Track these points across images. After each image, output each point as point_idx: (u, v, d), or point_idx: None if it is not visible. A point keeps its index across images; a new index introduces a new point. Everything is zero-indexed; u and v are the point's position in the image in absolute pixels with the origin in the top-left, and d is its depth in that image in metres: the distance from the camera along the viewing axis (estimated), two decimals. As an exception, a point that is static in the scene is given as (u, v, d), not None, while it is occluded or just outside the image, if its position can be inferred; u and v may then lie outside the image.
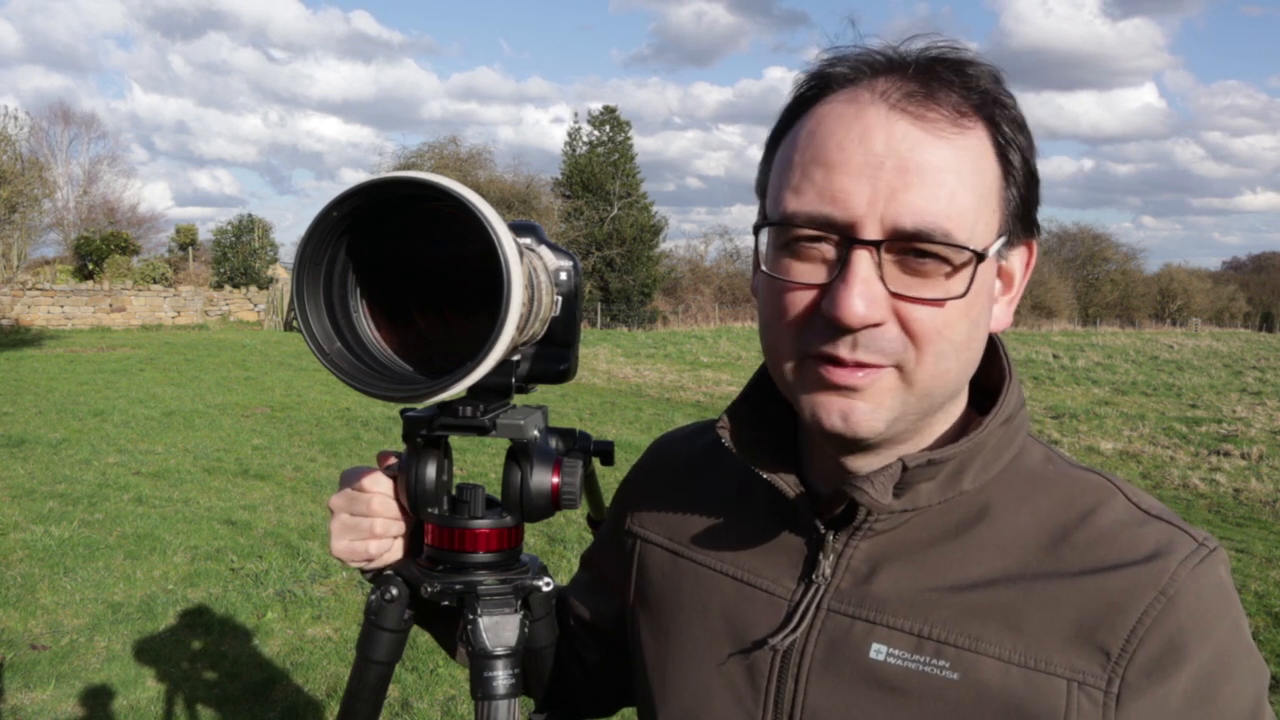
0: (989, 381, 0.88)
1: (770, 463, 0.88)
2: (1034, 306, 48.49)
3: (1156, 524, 0.80)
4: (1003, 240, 0.79)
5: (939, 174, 0.74)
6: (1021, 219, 0.81)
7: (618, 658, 1.07)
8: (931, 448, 0.84)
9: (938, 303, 0.75)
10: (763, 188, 0.84)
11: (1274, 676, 4.45)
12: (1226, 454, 10.63)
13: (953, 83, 0.77)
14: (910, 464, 0.79)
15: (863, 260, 0.74)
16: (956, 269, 0.75)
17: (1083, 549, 0.78)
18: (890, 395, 0.77)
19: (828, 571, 0.85)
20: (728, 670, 0.88)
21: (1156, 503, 0.83)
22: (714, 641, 0.90)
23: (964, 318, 0.77)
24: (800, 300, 0.78)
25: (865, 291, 0.73)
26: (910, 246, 0.74)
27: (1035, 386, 18.22)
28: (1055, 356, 24.70)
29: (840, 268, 0.75)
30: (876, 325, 0.75)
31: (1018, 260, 0.84)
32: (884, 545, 0.84)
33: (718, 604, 0.91)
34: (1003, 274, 0.83)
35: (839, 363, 0.76)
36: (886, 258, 0.75)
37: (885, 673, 0.80)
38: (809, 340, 0.78)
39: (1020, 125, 0.79)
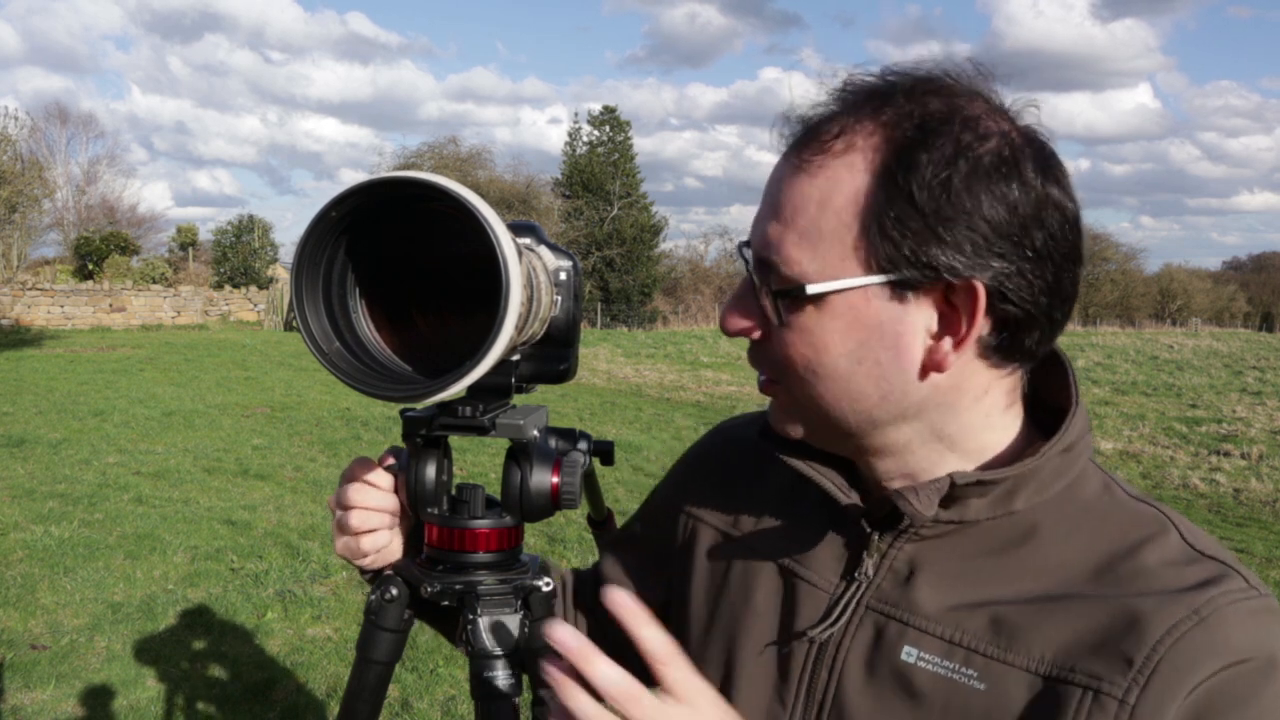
0: (1053, 398, 0.88)
1: (821, 459, 0.89)
2: (1034, 306, 48.24)
3: (1208, 563, 0.78)
4: (877, 280, 0.75)
5: (791, 207, 0.79)
6: (917, 261, 0.74)
7: None
8: (987, 465, 0.84)
9: (778, 330, 0.80)
10: None
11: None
12: (1226, 454, 10.63)
13: (852, 114, 0.78)
14: (959, 481, 0.80)
15: (745, 279, 0.83)
16: (790, 301, 0.79)
17: (1125, 579, 0.77)
18: (787, 409, 0.86)
19: (870, 570, 0.86)
20: (765, 658, 0.90)
21: (1214, 544, 0.81)
22: (755, 628, 0.92)
23: (819, 350, 0.79)
24: None
25: (736, 304, 0.84)
26: (765, 275, 0.80)
27: (1035, 386, 18.18)
28: (1055, 356, 24.65)
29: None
30: (754, 338, 0.83)
31: (962, 302, 0.76)
32: (928, 551, 0.84)
33: (764, 590, 0.93)
34: (946, 315, 0.77)
35: None
36: (759, 281, 0.81)
37: (914, 675, 0.80)
38: None
39: (941, 161, 0.73)
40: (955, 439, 0.84)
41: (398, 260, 0.85)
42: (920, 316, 0.78)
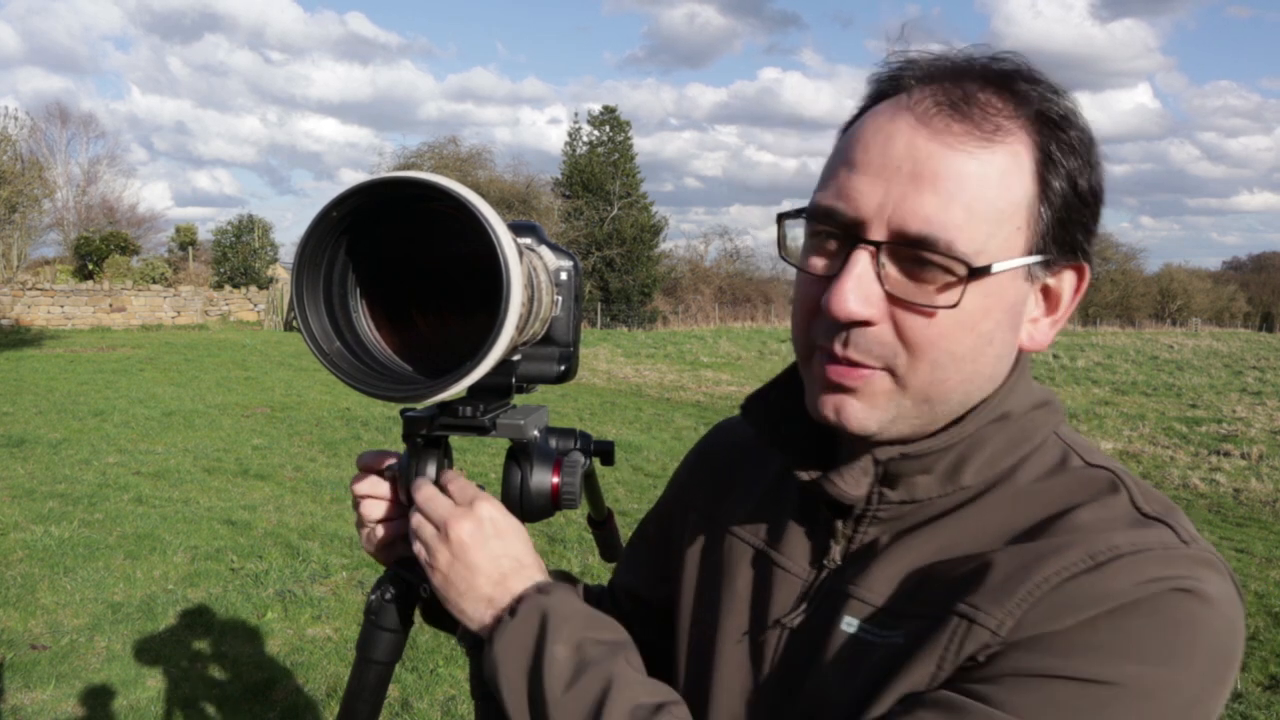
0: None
1: (802, 452, 0.89)
2: (1034, 306, 48.27)
3: (1148, 523, 0.76)
4: (1034, 260, 0.78)
5: (953, 184, 0.74)
6: (1060, 242, 0.79)
7: (663, 635, 1.08)
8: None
9: (929, 311, 0.76)
10: None
11: (1273, 677, 4.45)
12: (1226, 454, 10.63)
13: (994, 96, 0.77)
14: (881, 457, 0.82)
15: (861, 259, 0.76)
16: (955, 281, 0.75)
17: (1051, 536, 0.76)
18: (884, 398, 0.79)
19: (837, 556, 0.88)
20: (742, 644, 0.92)
21: (1165, 507, 0.79)
22: (736, 614, 0.94)
23: (967, 331, 0.77)
24: (812, 292, 0.81)
25: (857, 289, 0.75)
26: (914, 253, 0.75)
27: (1035, 386, 18.18)
28: (1055, 356, 24.70)
29: (841, 264, 0.77)
30: (868, 324, 0.77)
31: (1066, 283, 0.83)
32: (886, 531, 0.86)
33: (744, 577, 0.95)
34: (1048, 294, 0.83)
35: (833, 358, 0.79)
36: (889, 261, 0.76)
37: (856, 645, 0.82)
38: (815, 331, 0.81)
39: (1073, 148, 0.78)
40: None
41: (398, 260, 0.85)
42: (1033, 296, 0.82)
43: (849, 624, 0.83)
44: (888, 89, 0.82)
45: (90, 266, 30.53)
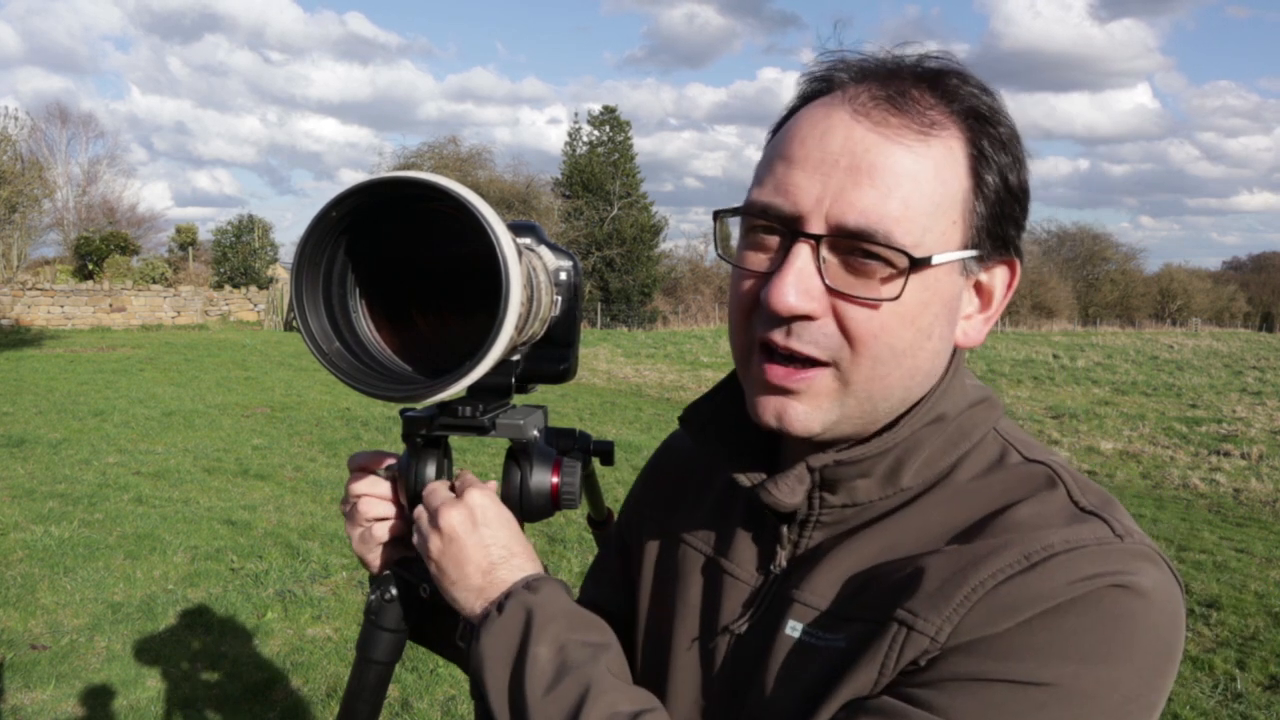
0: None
1: (744, 456, 0.90)
2: (1034, 306, 48.47)
3: (1085, 517, 0.75)
4: (968, 255, 0.79)
5: (891, 177, 0.75)
6: (993, 236, 0.80)
7: (628, 645, 1.08)
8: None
9: (872, 304, 0.76)
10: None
11: (1273, 677, 4.45)
12: (1226, 454, 10.63)
13: (927, 91, 0.78)
14: (814, 464, 0.82)
15: (801, 252, 0.76)
16: (896, 273, 0.76)
17: (988, 535, 0.76)
18: (827, 398, 0.79)
19: (783, 562, 0.88)
20: (693, 651, 0.93)
21: (1103, 500, 0.78)
22: (687, 621, 0.94)
23: (907, 324, 0.77)
24: (750, 288, 0.81)
25: (797, 282, 0.75)
26: (854, 245, 0.75)
27: (1035, 386, 18.22)
28: (1055, 356, 24.70)
29: (782, 259, 0.77)
30: (810, 318, 0.77)
31: (999, 279, 0.83)
32: (829, 535, 0.86)
33: (696, 585, 0.95)
34: (980, 290, 0.83)
35: (775, 355, 0.79)
36: (830, 254, 0.76)
37: (799, 649, 0.82)
38: (754, 327, 0.81)
39: (1003, 143, 0.79)
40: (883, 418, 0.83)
41: (398, 260, 0.85)
42: (968, 292, 0.82)
43: (793, 628, 0.83)
44: (820, 88, 0.82)
45: (90, 266, 30.52)
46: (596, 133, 39.37)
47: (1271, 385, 18.67)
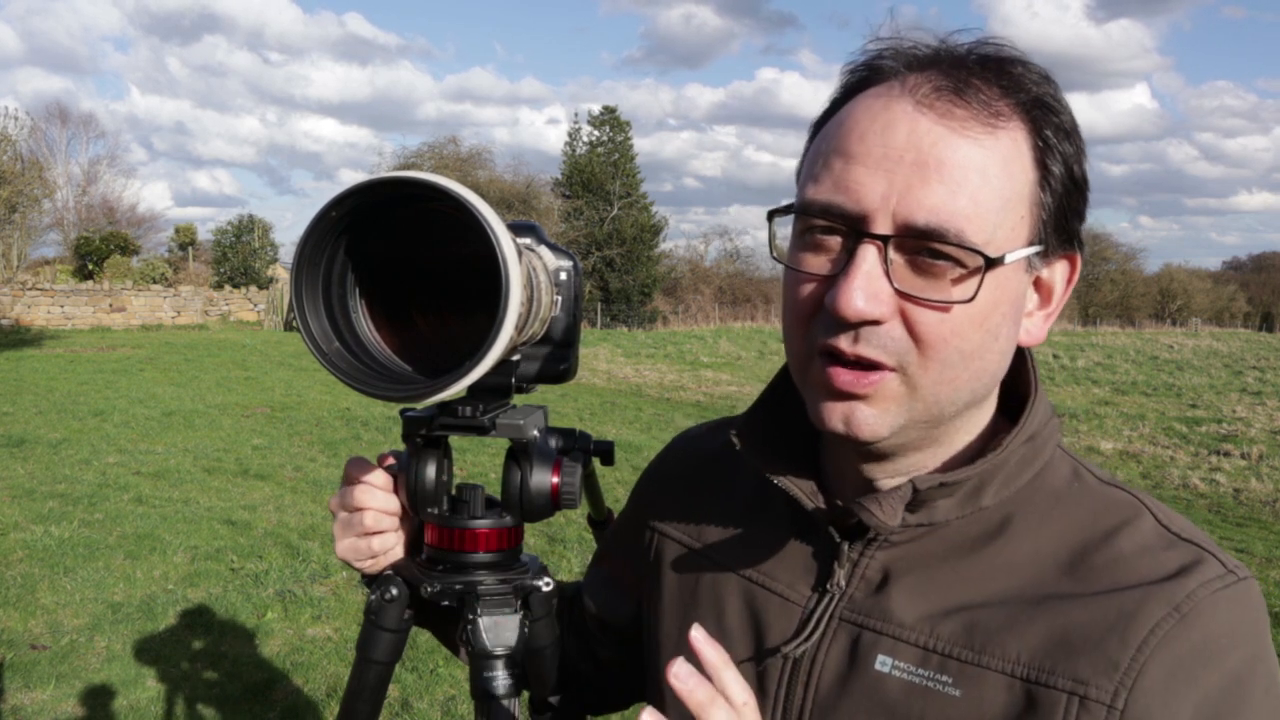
0: (1020, 390, 0.86)
1: (788, 468, 0.86)
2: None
3: (1184, 547, 0.76)
4: (1035, 250, 0.76)
5: (960, 172, 0.71)
6: (1059, 230, 0.77)
7: (631, 654, 1.06)
8: (948, 465, 0.82)
9: (944, 306, 0.72)
10: (798, 175, 0.83)
11: (1274, 676, 4.45)
12: (1226, 454, 10.63)
13: (990, 81, 0.74)
14: (921, 486, 0.78)
15: (868, 254, 0.72)
16: (968, 273, 0.72)
17: (1100, 570, 0.75)
18: (895, 402, 0.76)
19: (842, 581, 0.83)
20: (745, 671, 0.87)
21: (1189, 525, 0.79)
22: (727, 644, 0.88)
23: (976, 326, 0.74)
24: (811, 292, 0.76)
25: (866, 286, 0.71)
26: (923, 245, 0.72)
27: (1035, 386, 18.18)
28: (1055, 356, 24.69)
29: (846, 261, 0.73)
30: (877, 322, 0.73)
31: (1059, 274, 0.80)
32: (900, 557, 0.82)
33: (733, 606, 0.90)
34: (1040, 286, 0.80)
35: (841, 360, 0.75)
36: (897, 255, 0.72)
37: (889, 685, 0.78)
38: (816, 333, 0.76)
39: (1067, 132, 0.76)
40: (954, 425, 0.81)
41: (398, 260, 0.85)
42: (1029, 289, 0.80)
43: (883, 663, 0.79)
44: (870, 78, 0.78)
45: (90, 266, 30.52)
46: (596, 133, 39.40)
47: (1271, 385, 18.66)
